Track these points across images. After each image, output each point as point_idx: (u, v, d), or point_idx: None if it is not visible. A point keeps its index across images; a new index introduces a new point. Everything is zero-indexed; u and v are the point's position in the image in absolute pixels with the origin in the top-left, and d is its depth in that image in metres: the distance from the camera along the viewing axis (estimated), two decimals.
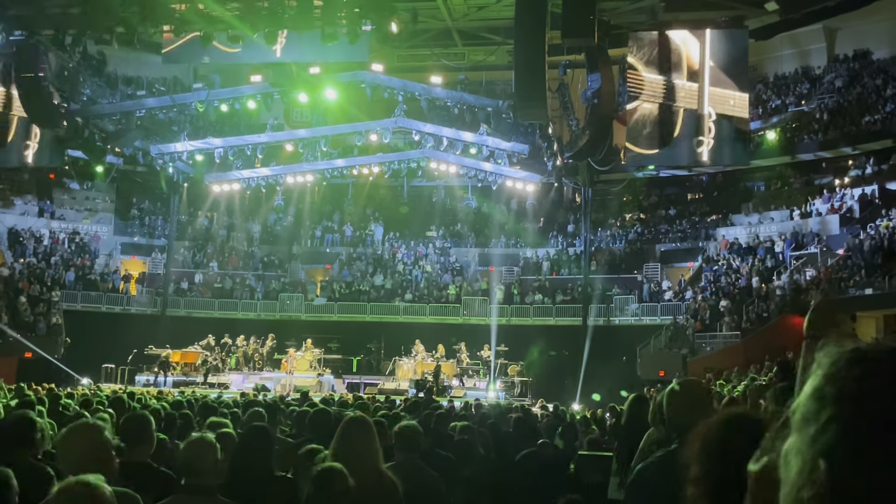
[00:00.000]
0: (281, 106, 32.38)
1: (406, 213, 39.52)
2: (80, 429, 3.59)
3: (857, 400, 0.96)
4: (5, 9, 23.08)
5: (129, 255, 38.62)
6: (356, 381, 29.35)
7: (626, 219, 37.37)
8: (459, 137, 30.67)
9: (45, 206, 37.66)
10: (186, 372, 29.30)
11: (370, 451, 4.14)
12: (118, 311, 34.48)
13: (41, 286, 33.07)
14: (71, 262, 35.49)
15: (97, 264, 36.55)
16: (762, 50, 33.52)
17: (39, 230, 36.32)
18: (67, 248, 36.49)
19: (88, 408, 9.00)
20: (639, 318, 32.10)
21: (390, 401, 15.50)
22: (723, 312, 28.23)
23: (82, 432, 3.52)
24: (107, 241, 38.25)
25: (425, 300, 35.31)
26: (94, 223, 38.36)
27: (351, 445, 4.08)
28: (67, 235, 36.99)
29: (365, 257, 38.90)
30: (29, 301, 31.90)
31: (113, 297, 34.89)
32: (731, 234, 33.25)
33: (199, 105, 29.17)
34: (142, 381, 27.50)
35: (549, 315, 33.43)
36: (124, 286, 35.90)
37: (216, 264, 38.45)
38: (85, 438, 3.45)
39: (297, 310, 35.60)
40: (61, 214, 37.94)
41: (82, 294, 34.14)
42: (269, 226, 40.96)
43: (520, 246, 38.08)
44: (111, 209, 39.43)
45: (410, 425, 5.15)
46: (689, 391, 3.49)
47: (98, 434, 3.49)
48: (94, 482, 2.46)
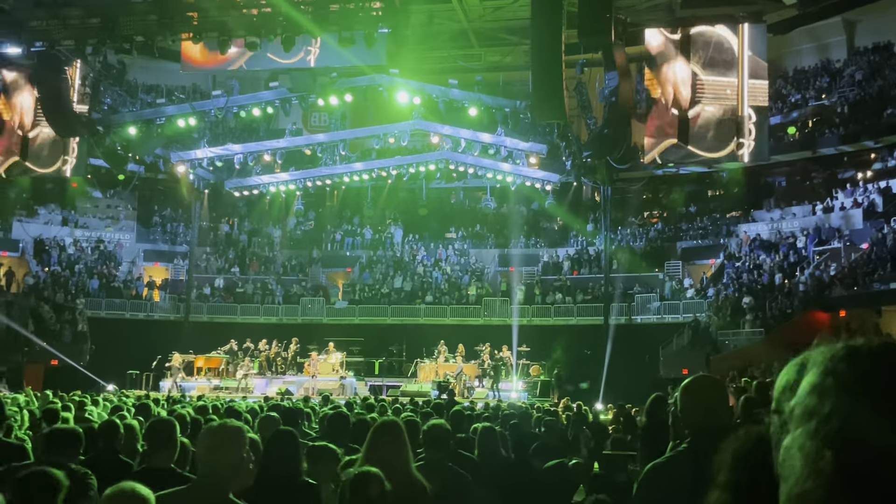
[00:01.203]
0: (299, 111, 32.52)
1: (425, 215, 39.57)
2: (223, 432, 3.60)
3: (858, 387, 0.99)
4: (27, 21, 23.34)
5: (152, 261, 38.96)
6: (378, 383, 29.40)
7: (646, 217, 37.18)
8: (477, 138, 30.67)
9: (68, 214, 38.07)
10: (210, 377, 29.48)
11: (400, 456, 4.14)
12: (142, 318, 34.78)
13: (66, 294, 33.45)
14: (95, 270, 35.84)
15: (120, 271, 36.89)
16: (781, 44, 33.27)
17: (63, 239, 36.73)
18: (91, 256, 36.86)
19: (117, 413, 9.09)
20: (661, 316, 31.92)
21: (414, 402, 15.53)
22: (745, 309, 28.01)
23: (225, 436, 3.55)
24: (129, 248, 38.61)
25: (446, 302, 35.32)
26: (116, 231, 38.73)
27: (381, 450, 4.09)
28: (91, 244, 37.37)
29: (385, 260, 38.98)
30: (54, 309, 32.26)
31: (136, 304, 35.20)
32: (753, 230, 33.00)
33: (218, 112, 29.37)
34: (166, 386, 27.69)
35: (571, 315, 33.33)
36: (147, 293, 36.21)
37: (238, 269, 38.68)
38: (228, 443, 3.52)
39: (318, 313, 35.71)
40: (84, 223, 38.33)
41: (106, 301, 34.47)
42: (290, 230, 41.14)
43: (540, 246, 38.00)
44: (133, 217, 39.78)
45: (439, 424, 5.12)
46: (702, 389, 3.36)
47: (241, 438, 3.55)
48: (140, 489, 2.58)
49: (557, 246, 37.67)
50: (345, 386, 27.65)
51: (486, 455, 6.93)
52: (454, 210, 40.54)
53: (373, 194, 39.53)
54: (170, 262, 39.17)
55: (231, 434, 3.56)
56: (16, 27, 23.57)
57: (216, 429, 3.64)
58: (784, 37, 32.93)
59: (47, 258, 35.52)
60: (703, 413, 3.23)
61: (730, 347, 27.42)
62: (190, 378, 28.90)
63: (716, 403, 3.29)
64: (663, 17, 23.38)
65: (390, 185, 37.75)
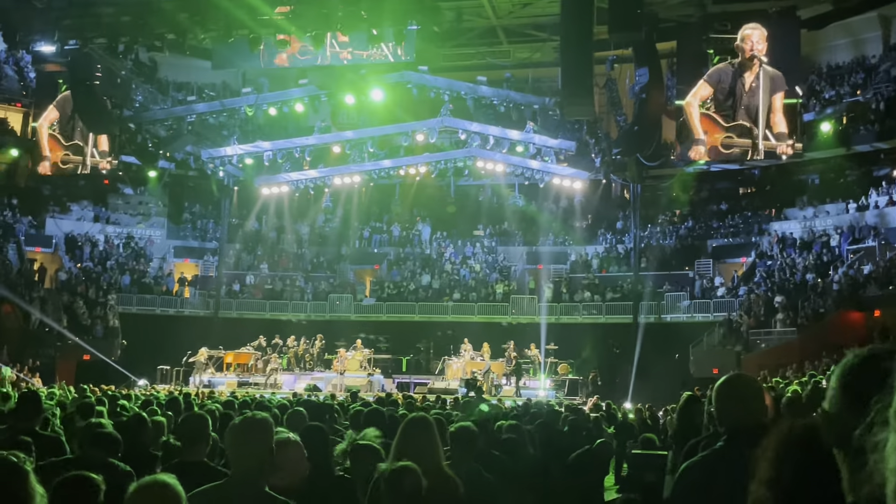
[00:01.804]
0: (328, 108, 32.60)
1: (453, 212, 39.51)
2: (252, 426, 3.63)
3: None
4: (60, 19, 23.63)
5: (182, 258, 39.30)
6: (406, 380, 29.44)
7: (677, 214, 36.86)
8: (506, 136, 30.55)
9: (100, 211, 38.52)
10: (239, 373, 29.67)
11: (432, 450, 4.11)
12: (172, 314, 35.11)
13: (98, 290, 33.83)
14: (126, 266, 36.24)
15: (151, 268, 37.27)
16: (815, 40, 32.77)
17: (95, 235, 37.17)
18: (122, 253, 37.27)
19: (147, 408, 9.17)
20: (691, 315, 31.63)
21: (441, 400, 15.49)
22: (777, 308, 27.67)
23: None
24: (160, 244, 38.99)
25: (473, 299, 35.27)
26: (147, 227, 39.13)
27: (413, 444, 4.06)
28: (122, 240, 37.79)
29: (413, 257, 39.00)
30: (86, 305, 32.65)
31: (167, 300, 35.54)
32: (786, 228, 32.60)
33: (248, 109, 29.54)
34: (196, 381, 27.92)
35: (599, 313, 33.14)
36: (178, 289, 36.54)
37: (266, 266, 38.91)
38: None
39: (346, 310, 35.84)
40: (116, 219, 38.77)
41: (137, 297, 34.83)
42: (318, 227, 41.29)
43: (568, 244, 37.81)
44: (164, 213, 40.13)
45: (466, 426, 5.06)
46: (738, 387, 3.29)
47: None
48: (171, 481, 2.60)
49: (586, 244, 37.46)
50: (372, 382, 27.68)
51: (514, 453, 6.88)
52: (482, 207, 40.43)
53: (401, 191, 39.54)
54: (200, 259, 39.50)
55: (259, 426, 3.56)
56: (50, 25, 23.87)
57: (244, 422, 3.64)
58: (818, 32, 32.38)
59: (79, 254, 35.97)
60: (739, 411, 3.16)
61: (761, 347, 27.11)
62: (219, 374, 29.10)
63: (752, 402, 3.21)
64: (695, 12, 23.10)
65: (418, 183, 37.73)
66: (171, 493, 2.64)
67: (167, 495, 2.64)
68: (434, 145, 32.79)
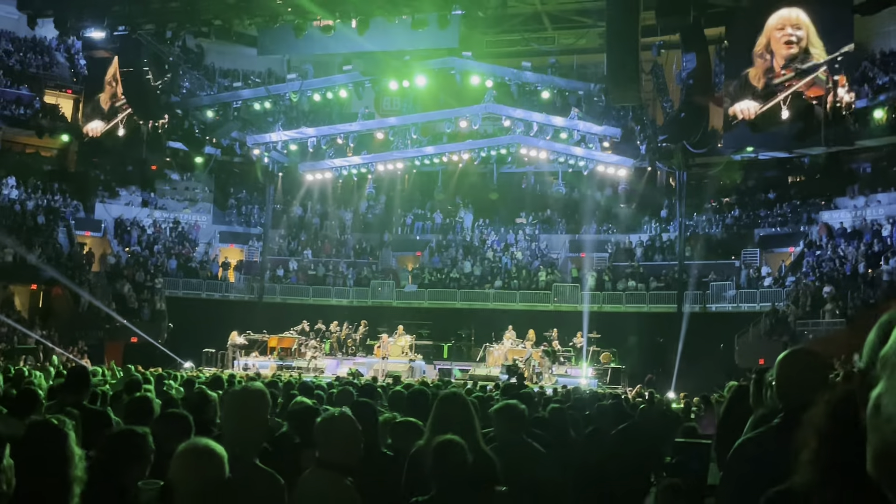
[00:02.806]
0: (372, 94, 32.69)
1: (496, 199, 39.38)
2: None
3: None
4: (110, 5, 23.98)
5: (228, 243, 39.83)
6: (447, 366, 29.47)
7: (723, 203, 36.30)
8: (550, 122, 30.32)
9: (148, 196, 39.17)
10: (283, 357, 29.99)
11: (468, 425, 4.09)
12: (217, 298, 35.59)
13: (145, 274, 34.44)
14: (173, 251, 36.82)
15: (197, 252, 37.82)
16: (868, 25, 31.91)
17: (143, 220, 37.81)
18: (169, 237, 37.88)
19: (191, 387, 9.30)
20: (737, 305, 31.18)
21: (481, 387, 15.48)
22: (826, 299, 27.14)
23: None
24: (206, 229, 39.54)
25: (515, 287, 35.18)
26: (194, 212, 39.69)
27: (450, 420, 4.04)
28: (169, 225, 38.40)
29: (455, 244, 39.00)
30: (134, 288, 33.26)
31: (212, 284, 36.04)
32: (836, 217, 31.91)
33: (292, 95, 29.73)
34: (240, 364, 28.30)
35: (643, 302, 32.83)
36: (223, 273, 37.03)
37: (310, 252, 39.24)
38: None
39: (388, 296, 36.00)
40: (163, 204, 39.38)
41: (183, 281, 35.37)
42: (361, 214, 41.51)
43: (612, 232, 37.50)
44: (210, 199, 40.69)
45: (512, 403, 5.02)
46: (801, 361, 3.18)
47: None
48: (214, 445, 2.65)
49: (630, 232, 37.10)
50: (414, 368, 27.77)
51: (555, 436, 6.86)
52: (525, 195, 40.23)
53: (443, 178, 39.52)
54: (245, 244, 39.98)
55: (253, 396, 3.60)
56: (99, 12, 24.24)
57: (239, 392, 3.68)
58: (871, 18, 31.54)
59: (127, 238, 36.63)
60: (798, 387, 3.08)
61: (809, 338, 26.62)
62: (263, 357, 29.45)
63: (813, 378, 3.11)
64: None
65: (461, 170, 37.69)
66: (213, 454, 2.71)
67: (211, 457, 2.72)
68: (477, 132, 32.71)
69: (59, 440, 2.49)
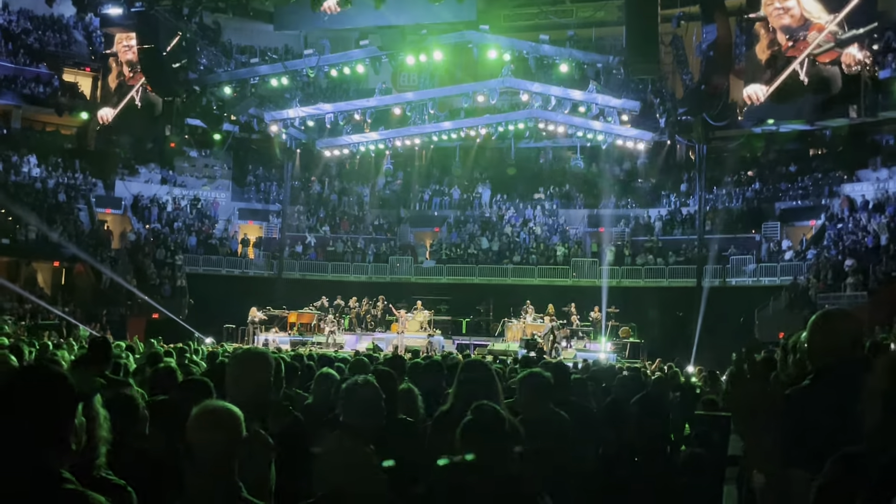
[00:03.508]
0: (389, 69, 32.54)
1: (513, 174, 39.23)
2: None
3: None
4: None
5: (247, 219, 40.00)
6: (466, 342, 29.55)
7: (744, 176, 35.96)
8: (568, 96, 30.06)
9: (166, 174, 39.34)
10: (302, 332, 30.18)
11: (492, 391, 4.10)
12: (237, 274, 35.82)
13: (165, 250, 34.67)
14: (192, 228, 37.03)
15: (217, 229, 38.01)
16: None
17: (162, 197, 38.01)
18: (189, 214, 38.07)
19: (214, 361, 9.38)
20: (757, 279, 30.99)
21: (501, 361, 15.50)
22: (847, 272, 26.90)
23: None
24: (225, 206, 39.72)
25: (533, 262, 35.13)
26: (213, 189, 39.86)
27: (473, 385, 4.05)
28: (189, 202, 38.59)
29: (473, 220, 38.95)
30: (155, 265, 33.51)
31: (232, 261, 36.25)
32: (858, 190, 31.53)
33: (309, 71, 29.64)
34: (261, 340, 28.51)
35: (662, 276, 32.72)
36: (242, 250, 37.22)
37: (328, 228, 39.33)
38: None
39: (406, 272, 36.07)
40: (182, 182, 39.55)
41: (203, 258, 35.61)
42: (379, 190, 41.52)
43: (630, 206, 37.30)
44: (229, 176, 40.82)
45: (537, 372, 4.97)
46: (833, 323, 3.13)
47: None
48: (230, 406, 2.68)
49: (649, 206, 36.90)
50: (432, 343, 27.88)
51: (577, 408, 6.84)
52: (543, 170, 40.10)
53: (461, 154, 39.40)
54: (263, 221, 40.14)
55: (257, 358, 3.64)
56: None
57: (243, 353, 3.72)
58: None
59: (147, 215, 36.86)
60: (828, 349, 3.04)
61: None
62: (282, 333, 29.64)
63: (844, 341, 3.07)
64: None
65: (478, 145, 37.56)
66: (231, 415, 2.77)
67: (228, 418, 2.76)
68: (495, 107, 32.52)
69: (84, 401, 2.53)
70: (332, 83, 35.59)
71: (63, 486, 2.05)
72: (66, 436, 2.13)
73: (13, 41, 38.53)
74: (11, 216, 31.89)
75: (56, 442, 2.11)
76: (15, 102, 37.24)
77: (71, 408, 2.17)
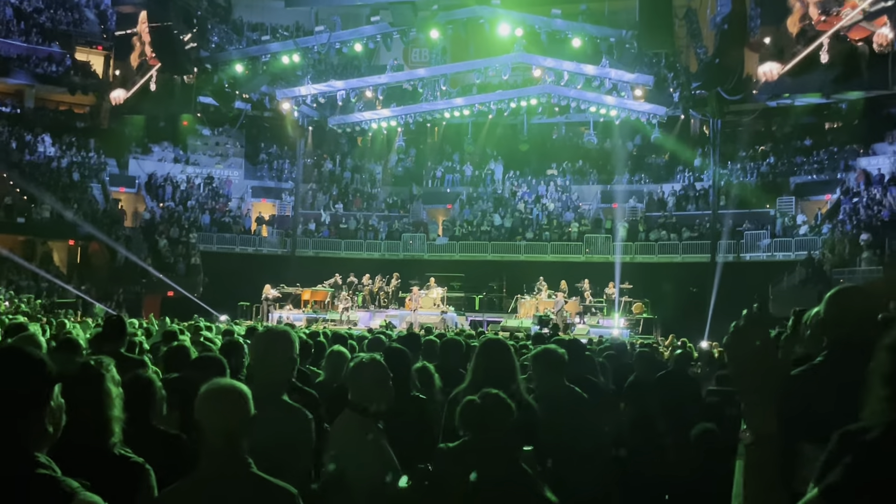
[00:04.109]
0: (400, 46, 32.39)
1: (526, 150, 39.06)
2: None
3: None
4: None
5: (259, 197, 40.09)
6: (479, 318, 29.60)
7: (758, 151, 35.68)
8: (581, 71, 29.84)
9: (179, 152, 39.42)
10: (316, 309, 30.31)
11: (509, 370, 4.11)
12: (251, 252, 35.96)
13: (179, 229, 34.82)
14: (206, 206, 37.14)
15: (230, 207, 38.11)
16: None
17: (176, 176, 38.11)
18: (202, 192, 38.17)
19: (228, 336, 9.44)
20: (771, 253, 30.84)
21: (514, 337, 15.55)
22: (863, 246, 26.73)
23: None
24: (238, 184, 39.81)
25: (546, 238, 35.08)
26: (226, 168, 39.93)
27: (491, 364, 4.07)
28: (202, 180, 38.68)
29: (485, 196, 38.88)
30: (169, 243, 33.68)
31: (245, 239, 36.38)
32: (874, 163, 31.24)
33: (320, 48, 29.54)
34: (275, 317, 28.65)
35: (675, 252, 32.62)
36: (255, 228, 37.33)
37: (341, 206, 39.36)
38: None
39: (419, 249, 36.09)
40: (195, 160, 39.63)
41: (217, 236, 35.75)
42: (391, 167, 41.47)
43: (644, 182, 37.12)
44: (241, 154, 40.89)
45: (551, 348, 4.97)
46: (849, 298, 3.10)
47: None
48: (237, 384, 2.70)
49: (662, 181, 36.72)
50: (446, 320, 27.95)
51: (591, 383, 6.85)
52: (556, 145, 39.89)
53: (473, 130, 39.27)
54: (276, 199, 40.21)
55: (281, 336, 3.68)
56: None
57: (267, 332, 3.75)
58: None
59: (161, 194, 36.99)
60: (842, 325, 3.03)
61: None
62: (296, 310, 29.78)
63: (859, 316, 3.05)
64: None
65: (491, 121, 37.39)
66: (237, 391, 2.81)
67: (236, 395, 2.80)
68: (507, 82, 32.33)
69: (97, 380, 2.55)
70: (344, 60, 35.45)
71: (36, 470, 2.02)
72: (41, 419, 2.09)
73: (25, 20, 38.57)
74: (26, 195, 32.09)
75: (31, 425, 2.07)
76: (28, 82, 37.37)
77: (45, 390, 2.12)
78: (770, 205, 33.07)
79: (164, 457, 3.16)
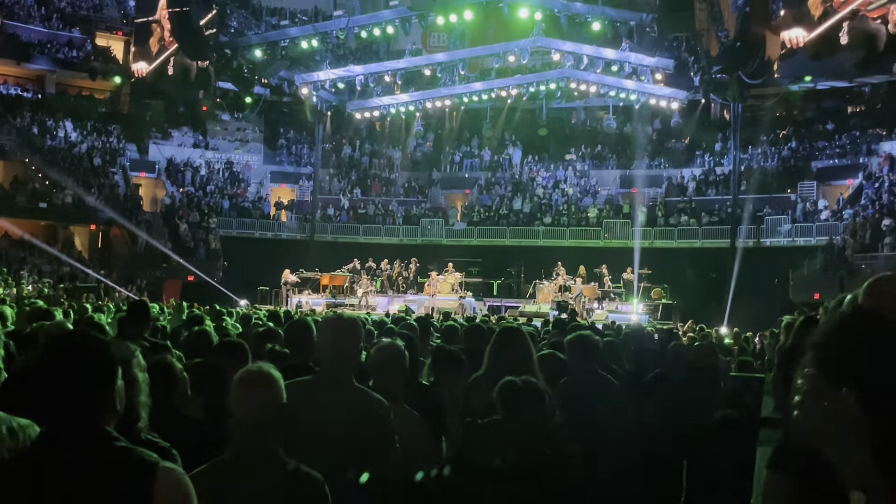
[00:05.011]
0: (419, 30, 32.25)
1: (545, 135, 38.86)
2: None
3: None
4: None
5: (278, 182, 40.23)
6: (497, 303, 29.61)
7: (780, 135, 35.33)
8: (600, 55, 29.62)
9: (198, 138, 39.58)
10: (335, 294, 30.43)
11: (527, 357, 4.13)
12: (270, 237, 36.14)
13: (199, 214, 35.02)
14: (225, 191, 37.32)
15: (249, 192, 38.27)
16: None
17: (195, 161, 38.29)
18: (222, 178, 38.34)
19: (248, 323, 9.51)
20: (792, 239, 30.60)
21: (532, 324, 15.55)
22: (885, 232, 26.47)
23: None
24: (257, 169, 39.95)
25: (565, 223, 34.97)
26: (245, 153, 40.08)
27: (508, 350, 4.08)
28: (221, 165, 38.84)
29: (504, 181, 38.79)
30: (189, 228, 33.89)
31: (265, 224, 36.55)
32: None
33: (339, 33, 29.48)
34: (294, 302, 28.80)
35: (695, 237, 32.44)
36: (275, 213, 37.48)
37: (359, 191, 39.41)
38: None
39: (437, 234, 36.12)
40: (214, 145, 39.80)
41: (237, 221, 35.94)
42: (410, 152, 41.44)
43: (664, 167, 36.89)
44: (260, 139, 41.01)
45: (585, 335, 5.01)
46: (890, 286, 3.00)
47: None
48: (269, 368, 2.73)
49: (682, 166, 36.47)
50: (464, 305, 27.96)
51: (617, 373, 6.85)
52: (575, 130, 39.70)
53: (492, 115, 39.09)
54: (295, 184, 40.34)
55: (351, 324, 3.70)
56: None
57: (337, 319, 3.77)
58: None
59: (181, 179, 37.19)
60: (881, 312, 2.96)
61: (867, 272, 25.99)
62: (315, 295, 29.91)
63: None
64: None
65: (509, 106, 37.22)
66: (268, 377, 2.80)
67: (270, 381, 2.80)
68: (526, 67, 32.15)
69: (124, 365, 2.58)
70: (362, 44, 35.39)
71: (115, 443, 2.21)
72: (112, 398, 2.28)
73: (46, 6, 38.78)
74: (48, 180, 32.36)
75: (104, 404, 2.25)
76: (49, 67, 37.61)
77: (114, 371, 2.30)
78: (791, 190, 32.79)
79: (189, 442, 3.19)
